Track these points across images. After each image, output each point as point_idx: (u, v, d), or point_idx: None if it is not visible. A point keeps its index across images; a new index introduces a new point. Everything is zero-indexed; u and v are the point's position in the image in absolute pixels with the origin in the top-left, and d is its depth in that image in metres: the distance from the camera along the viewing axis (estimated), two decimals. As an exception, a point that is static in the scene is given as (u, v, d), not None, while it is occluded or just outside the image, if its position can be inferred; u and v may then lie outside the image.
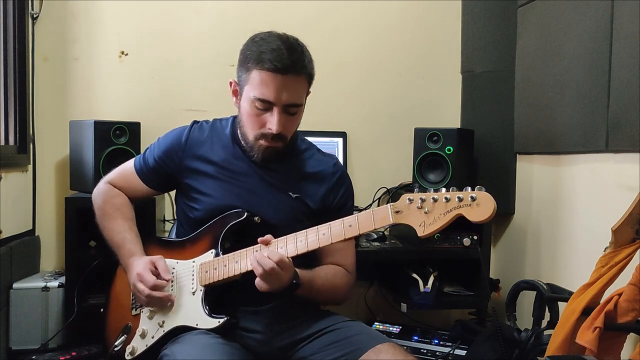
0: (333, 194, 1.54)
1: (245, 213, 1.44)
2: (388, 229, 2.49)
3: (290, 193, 1.51)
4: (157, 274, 1.43)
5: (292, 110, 1.42)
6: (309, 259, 1.46)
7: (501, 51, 2.55)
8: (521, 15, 2.40)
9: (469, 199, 1.17)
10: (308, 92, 1.49)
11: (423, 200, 1.21)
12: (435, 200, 1.20)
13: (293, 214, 1.50)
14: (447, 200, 1.19)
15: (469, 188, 1.19)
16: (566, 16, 2.09)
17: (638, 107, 1.72)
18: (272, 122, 1.40)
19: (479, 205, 1.16)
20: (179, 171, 1.55)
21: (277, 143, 1.45)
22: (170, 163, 1.55)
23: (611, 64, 1.85)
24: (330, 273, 1.49)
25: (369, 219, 1.27)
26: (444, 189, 1.21)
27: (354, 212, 1.42)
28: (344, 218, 1.31)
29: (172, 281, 1.46)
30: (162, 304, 1.44)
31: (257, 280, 1.31)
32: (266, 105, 1.41)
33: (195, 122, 1.60)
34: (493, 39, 2.60)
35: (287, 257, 1.31)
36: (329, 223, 1.32)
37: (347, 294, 1.54)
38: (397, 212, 1.24)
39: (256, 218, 1.46)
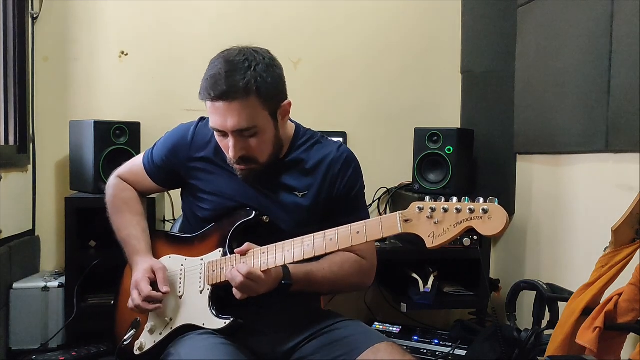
0: (341, 177, 1.51)
1: (254, 212, 1.43)
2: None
3: (297, 192, 1.48)
4: (155, 283, 1.42)
5: (246, 133, 1.35)
6: None
7: (501, 51, 2.54)
8: (521, 15, 2.40)
9: (481, 211, 1.12)
10: (278, 106, 1.39)
11: (433, 210, 1.17)
12: (445, 210, 1.16)
13: (301, 212, 1.47)
14: (458, 211, 1.14)
15: (481, 199, 1.15)
16: (566, 16, 2.09)
17: (638, 107, 1.72)
18: (230, 148, 1.38)
19: (490, 218, 1.12)
20: (185, 169, 1.53)
21: (250, 165, 1.41)
22: (175, 160, 1.53)
23: (611, 64, 1.84)
24: (336, 263, 1.45)
25: (377, 227, 1.24)
26: (455, 199, 1.17)
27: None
28: (352, 224, 1.27)
29: (175, 288, 1.44)
30: (151, 313, 1.43)
31: (234, 290, 1.31)
32: (222, 133, 1.38)
33: (202, 118, 1.56)
34: (493, 39, 2.60)
35: (259, 270, 1.29)
36: (336, 228, 1.29)
37: (361, 281, 1.51)
38: (406, 220, 1.20)
39: (264, 217, 1.44)
